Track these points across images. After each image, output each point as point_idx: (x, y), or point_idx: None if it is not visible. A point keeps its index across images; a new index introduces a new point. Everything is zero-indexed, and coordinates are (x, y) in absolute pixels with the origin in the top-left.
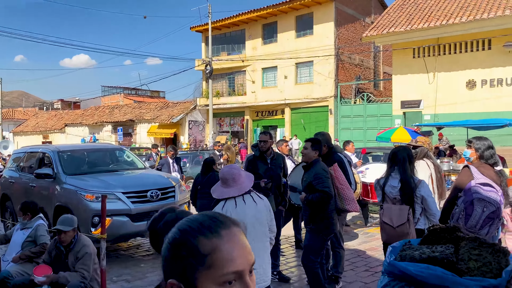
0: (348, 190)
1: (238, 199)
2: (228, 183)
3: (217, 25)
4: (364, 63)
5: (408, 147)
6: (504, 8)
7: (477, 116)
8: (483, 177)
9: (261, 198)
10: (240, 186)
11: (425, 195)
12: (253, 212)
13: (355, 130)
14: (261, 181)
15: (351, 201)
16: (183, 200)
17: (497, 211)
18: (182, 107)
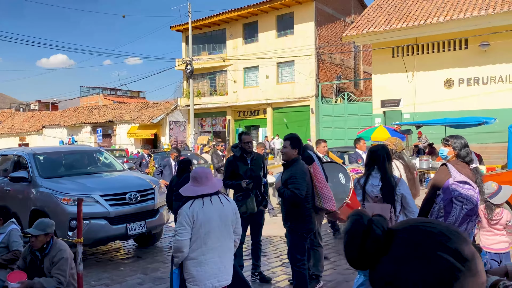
0: (326, 189)
1: (206, 199)
2: (202, 182)
3: (198, 24)
4: (344, 62)
5: (386, 146)
6: (480, 9)
7: (455, 115)
8: (461, 175)
9: (229, 201)
10: (213, 184)
11: (404, 193)
12: (219, 212)
13: (336, 129)
14: (243, 182)
15: (329, 200)
16: (162, 202)
17: (475, 208)
18: (162, 107)
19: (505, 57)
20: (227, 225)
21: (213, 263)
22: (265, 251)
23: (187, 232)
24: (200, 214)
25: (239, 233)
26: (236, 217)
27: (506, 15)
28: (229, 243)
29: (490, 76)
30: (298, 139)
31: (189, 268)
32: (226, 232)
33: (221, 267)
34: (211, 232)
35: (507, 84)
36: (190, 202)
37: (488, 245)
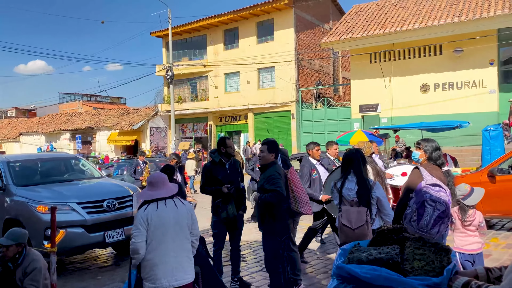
0: (303, 193)
1: (160, 203)
2: (158, 186)
3: (178, 30)
4: (323, 68)
5: (360, 149)
6: (453, 16)
7: (431, 119)
8: (432, 178)
9: (184, 204)
10: (168, 189)
11: (380, 196)
12: (173, 215)
13: (317, 134)
14: (224, 187)
15: (305, 204)
16: None
17: (447, 210)
18: (143, 113)
19: (477, 62)
20: (182, 227)
21: (169, 262)
22: (244, 256)
23: (142, 235)
24: (154, 217)
25: (196, 234)
26: (192, 219)
27: (478, 22)
28: (185, 244)
29: (464, 81)
30: (275, 144)
31: (146, 268)
32: (181, 234)
33: (178, 267)
34: (166, 234)
35: (480, 88)
36: (145, 206)
37: (461, 246)
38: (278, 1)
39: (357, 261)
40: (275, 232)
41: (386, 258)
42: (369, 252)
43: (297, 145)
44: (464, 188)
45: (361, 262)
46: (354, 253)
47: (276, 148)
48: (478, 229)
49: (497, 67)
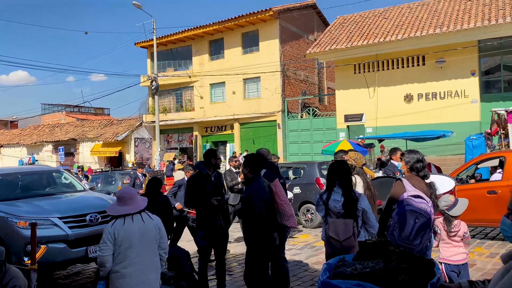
0: (287, 206)
1: (127, 218)
2: (126, 202)
3: (163, 41)
4: (309, 78)
5: (345, 161)
6: (435, 27)
7: (415, 128)
8: (415, 189)
9: (151, 218)
10: (136, 204)
11: (365, 207)
12: (140, 229)
13: (303, 143)
14: (213, 200)
15: (289, 217)
16: None
17: (428, 221)
18: (127, 124)
19: (460, 73)
20: (149, 241)
21: (135, 275)
22: (231, 270)
23: (109, 248)
24: (121, 231)
25: (164, 248)
26: (160, 232)
27: (460, 33)
28: (152, 257)
29: (447, 91)
30: (252, 158)
31: (113, 280)
32: (148, 247)
33: (144, 279)
34: (132, 248)
35: (463, 98)
36: (113, 221)
37: (447, 257)
38: (263, 13)
39: (342, 276)
40: (259, 245)
41: (371, 273)
42: (354, 266)
43: (283, 155)
44: (448, 198)
45: (346, 277)
46: (339, 268)
47: (252, 162)
48: (463, 239)
49: (478, 78)
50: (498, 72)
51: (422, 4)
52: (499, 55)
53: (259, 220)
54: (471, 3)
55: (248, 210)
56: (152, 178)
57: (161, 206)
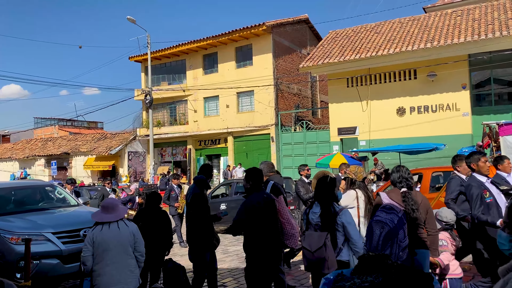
0: (289, 225)
1: (105, 225)
2: (108, 210)
3: (157, 55)
4: (302, 92)
5: (328, 174)
6: (426, 42)
7: (408, 141)
8: (389, 200)
9: (127, 226)
10: (117, 213)
11: (345, 222)
12: (114, 235)
13: (296, 156)
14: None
15: (290, 237)
16: None
17: (394, 230)
18: (121, 138)
19: (451, 86)
20: (123, 245)
21: (111, 275)
22: (226, 284)
23: (88, 250)
24: (98, 236)
25: (139, 251)
26: (135, 238)
27: (450, 47)
28: (127, 260)
29: (438, 104)
30: (253, 172)
31: (94, 278)
32: (122, 251)
33: (120, 279)
34: (107, 251)
35: (454, 111)
36: (94, 227)
37: (453, 271)
38: (257, 27)
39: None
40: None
41: (370, 287)
42: (352, 281)
43: (277, 167)
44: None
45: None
46: (338, 283)
47: (253, 176)
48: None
49: (469, 91)
50: (489, 85)
51: (413, 19)
52: (489, 69)
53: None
54: (461, 18)
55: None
56: (152, 193)
57: (160, 220)
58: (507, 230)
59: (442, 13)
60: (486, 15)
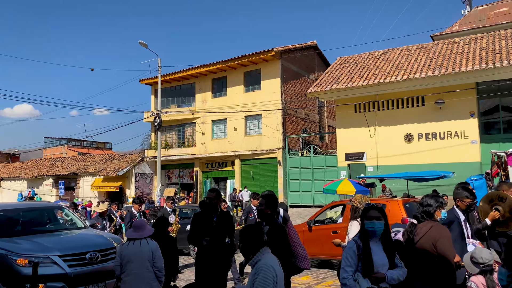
0: (301, 248)
1: (131, 241)
2: (137, 230)
3: (167, 78)
4: (309, 116)
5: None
6: (434, 69)
7: (416, 168)
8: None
9: (148, 243)
10: (143, 232)
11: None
12: (136, 251)
13: (303, 181)
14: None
15: (303, 258)
16: None
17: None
18: (129, 159)
19: (459, 114)
20: (142, 259)
21: (131, 283)
22: None
23: (117, 261)
24: (124, 250)
25: (157, 267)
26: (154, 255)
27: (458, 75)
28: (145, 273)
29: (447, 131)
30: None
31: (121, 284)
32: (141, 264)
33: (137, 287)
34: (130, 263)
35: (462, 139)
36: (124, 242)
37: None
38: (266, 53)
39: None
40: None
41: None
42: None
43: (283, 192)
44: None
45: None
46: None
47: (274, 203)
48: None
49: (478, 119)
50: (497, 113)
51: (420, 47)
52: (498, 97)
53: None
54: (469, 47)
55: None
56: (160, 218)
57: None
58: (506, 266)
59: (450, 41)
60: (494, 44)
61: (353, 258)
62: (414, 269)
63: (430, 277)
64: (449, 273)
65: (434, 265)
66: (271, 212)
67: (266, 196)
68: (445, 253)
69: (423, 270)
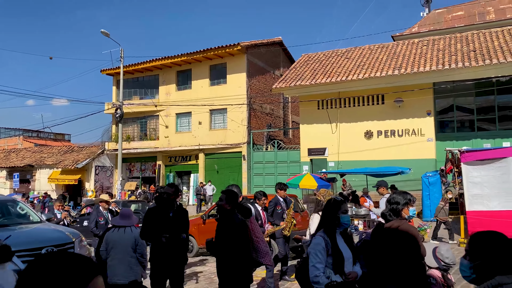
0: (263, 243)
1: (116, 228)
2: (123, 218)
3: (130, 69)
4: (274, 112)
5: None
6: (394, 69)
7: (375, 164)
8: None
9: (132, 231)
10: (128, 221)
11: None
12: (119, 237)
13: (267, 175)
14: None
15: (265, 254)
16: None
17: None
18: (88, 151)
19: (416, 112)
20: (125, 246)
21: (115, 267)
22: None
23: (103, 247)
24: (110, 236)
25: (140, 252)
26: (136, 242)
27: (416, 75)
28: (128, 258)
29: (405, 129)
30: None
31: (107, 268)
32: (124, 250)
33: (121, 271)
34: (113, 248)
35: (419, 136)
36: (110, 229)
37: None
38: (232, 47)
39: None
40: (231, 280)
41: None
42: None
43: (247, 186)
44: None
45: None
46: None
47: (234, 199)
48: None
49: (434, 117)
50: (452, 112)
51: (382, 47)
52: (452, 97)
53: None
54: (427, 48)
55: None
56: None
57: None
58: (469, 257)
59: (410, 42)
60: (450, 46)
61: (323, 255)
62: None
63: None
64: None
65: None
66: (231, 207)
67: (226, 191)
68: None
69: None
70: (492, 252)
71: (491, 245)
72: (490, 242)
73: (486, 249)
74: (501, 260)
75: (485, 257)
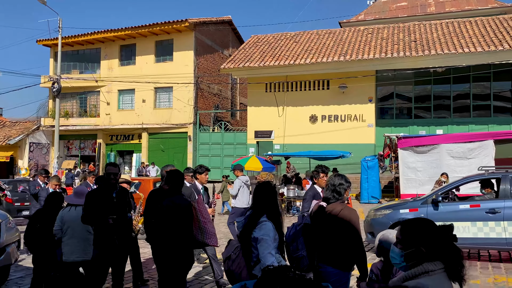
0: (210, 224)
1: (72, 207)
2: (78, 196)
3: (69, 41)
4: (222, 93)
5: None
6: (339, 55)
7: (319, 147)
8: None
9: None
10: (82, 199)
11: (259, 236)
12: (78, 215)
13: (213, 157)
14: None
15: (211, 236)
16: (10, 239)
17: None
18: (22, 127)
19: (359, 98)
20: (80, 224)
21: (72, 245)
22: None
23: (58, 225)
24: (66, 215)
25: None
26: None
27: (360, 62)
28: (86, 235)
29: (347, 114)
30: (172, 175)
31: (62, 247)
32: (82, 228)
33: (79, 249)
34: (70, 227)
35: (361, 122)
36: (65, 208)
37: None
38: (179, 23)
39: None
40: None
41: None
42: None
43: (193, 167)
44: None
45: None
46: None
47: (172, 179)
48: None
49: (375, 104)
50: (392, 100)
51: (329, 32)
52: (393, 85)
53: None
54: (371, 36)
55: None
56: (52, 193)
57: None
58: (399, 245)
59: (356, 29)
60: (393, 35)
61: (275, 241)
62: (325, 252)
63: (342, 258)
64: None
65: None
66: (169, 187)
67: (167, 172)
68: (357, 235)
69: (334, 252)
70: (424, 240)
71: (422, 233)
72: (421, 230)
73: (418, 237)
74: (429, 247)
75: (417, 245)
